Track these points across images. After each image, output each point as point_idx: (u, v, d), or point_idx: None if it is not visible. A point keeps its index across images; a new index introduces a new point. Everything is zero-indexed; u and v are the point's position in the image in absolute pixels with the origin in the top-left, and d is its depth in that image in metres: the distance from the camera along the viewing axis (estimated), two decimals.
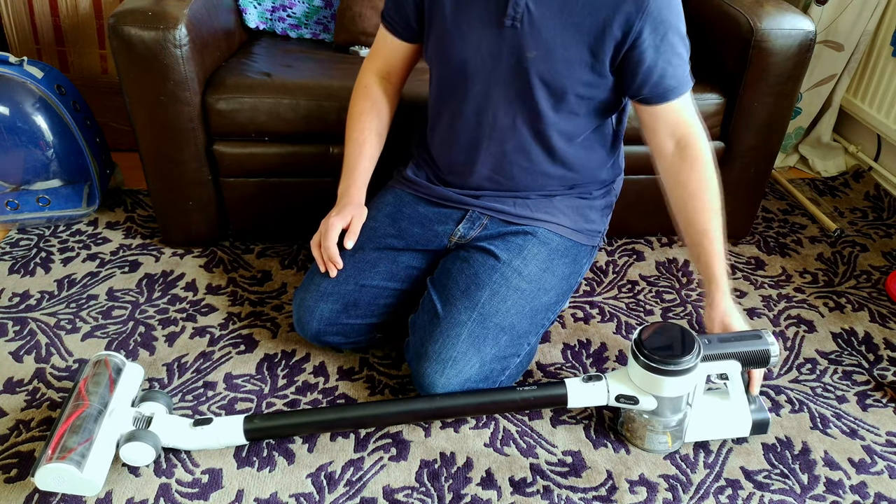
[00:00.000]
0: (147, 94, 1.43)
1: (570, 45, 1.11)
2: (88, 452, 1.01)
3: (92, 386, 1.11)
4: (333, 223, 1.25)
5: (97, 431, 1.05)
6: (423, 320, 1.22)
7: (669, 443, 1.16)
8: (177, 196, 1.57)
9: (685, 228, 1.22)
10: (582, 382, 1.15)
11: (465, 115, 1.22)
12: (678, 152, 1.19)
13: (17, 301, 1.48)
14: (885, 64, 1.96)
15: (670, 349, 1.08)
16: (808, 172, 2.18)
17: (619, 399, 1.13)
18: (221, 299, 1.50)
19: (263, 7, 1.82)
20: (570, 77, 1.14)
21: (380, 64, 1.33)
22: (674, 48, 1.12)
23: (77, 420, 1.04)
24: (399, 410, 1.15)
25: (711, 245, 1.18)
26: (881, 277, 1.68)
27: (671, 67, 1.13)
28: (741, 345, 1.12)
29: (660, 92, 1.15)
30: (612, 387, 1.13)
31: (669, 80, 1.13)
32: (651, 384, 1.10)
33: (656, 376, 1.08)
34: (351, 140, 1.31)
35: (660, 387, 1.09)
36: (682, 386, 1.09)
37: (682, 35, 1.13)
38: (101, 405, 1.08)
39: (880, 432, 1.26)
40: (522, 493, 1.11)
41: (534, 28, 1.11)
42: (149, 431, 1.09)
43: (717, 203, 1.19)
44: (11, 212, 1.68)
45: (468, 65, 1.17)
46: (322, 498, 1.09)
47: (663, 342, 1.09)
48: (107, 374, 1.13)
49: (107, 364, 1.15)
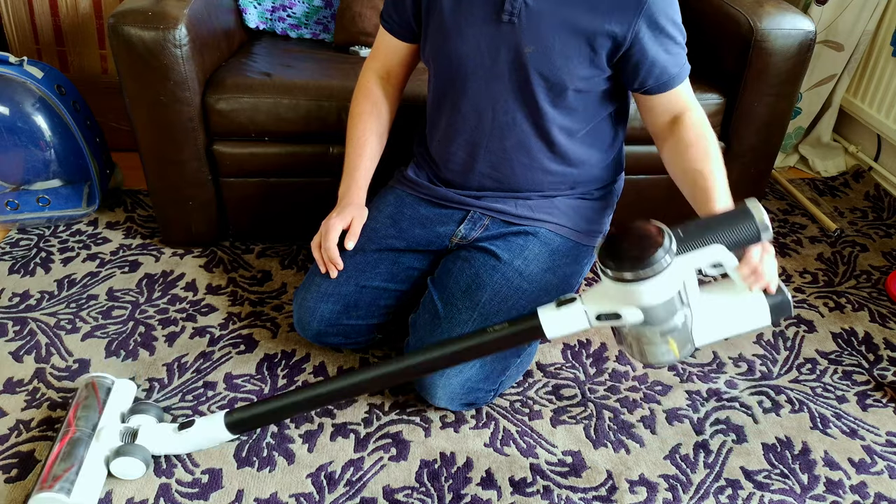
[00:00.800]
0: (147, 94, 1.43)
1: (568, 40, 1.12)
2: (76, 478, 1.03)
3: (81, 411, 1.12)
4: (333, 224, 1.25)
5: (86, 455, 1.06)
6: (424, 320, 1.22)
7: (675, 351, 0.99)
8: (177, 196, 1.57)
9: (683, 179, 1.16)
10: (555, 308, 1.01)
11: (464, 113, 1.22)
12: (675, 121, 1.18)
13: (17, 301, 1.48)
14: (885, 64, 1.96)
15: (636, 254, 0.91)
16: (808, 172, 2.18)
17: (600, 318, 0.98)
18: (221, 299, 1.50)
19: (263, 7, 1.82)
20: (569, 71, 1.14)
21: (380, 65, 1.33)
22: (672, 38, 1.13)
23: (66, 447, 1.06)
24: (373, 376, 1.08)
25: (706, 182, 1.10)
26: (881, 277, 1.68)
27: (671, 57, 1.14)
28: (722, 224, 0.95)
29: (661, 83, 1.16)
30: (590, 307, 0.99)
31: (670, 69, 1.14)
32: (627, 296, 0.94)
33: (629, 286, 0.91)
34: (351, 141, 1.31)
35: (637, 297, 0.93)
36: (662, 290, 0.92)
37: (678, 24, 1.14)
38: (89, 428, 1.10)
39: (880, 432, 1.26)
40: (522, 493, 1.11)
41: (531, 23, 1.11)
42: (135, 444, 1.09)
43: (714, 151, 1.14)
44: (11, 212, 1.68)
45: (466, 61, 1.17)
46: (322, 498, 1.09)
47: (628, 247, 0.92)
48: (94, 396, 1.15)
49: (94, 386, 1.17)
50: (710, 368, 1.38)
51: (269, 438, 1.18)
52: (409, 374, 1.09)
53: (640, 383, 1.34)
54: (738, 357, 1.41)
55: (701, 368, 1.38)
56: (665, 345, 0.99)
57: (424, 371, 1.12)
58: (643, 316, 0.95)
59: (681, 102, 1.18)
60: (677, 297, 0.95)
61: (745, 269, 0.96)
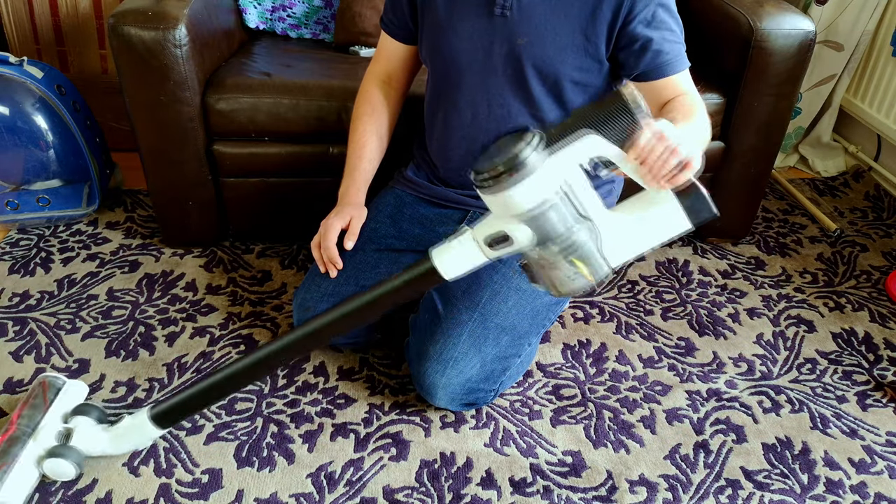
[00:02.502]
0: (147, 94, 1.43)
1: (562, 30, 1.12)
2: (6, 476, 1.03)
3: (27, 409, 1.12)
4: (332, 224, 1.25)
5: (20, 454, 1.06)
6: (424, 320, 1.22)
7: (586, 274, 0.89)
8: (177, 196, 1.57)
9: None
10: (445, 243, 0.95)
11: (461, 108, 1.22)
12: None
13: (17, 301, 1.48)
14: (885, 64, 1.96)
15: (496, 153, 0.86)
16: (808, 172, 2.18)
17: (492, 246, 0.91)
18: (221, 299, 1.50)
19: (263, 7, 1.82)
20: (563, 62, 1.14)
21: (381, 68, 1.33)
22: (666, 24, 1.12)
23: (3, 445, 1.07)
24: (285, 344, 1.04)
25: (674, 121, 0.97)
26: (881, 277, 1.68)
27: (666, 43, 1.12)
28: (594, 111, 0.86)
29: (656, 65, 1.13)
30: (478, 233, 0.92)
31: (665, 54, 1.13)
32: (504, 207, 0.87)
33: (503, 195, 0.85)
34: (352, 142, 1.31)
35: (512, 205, 0.85)
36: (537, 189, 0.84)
37: (672, 12, 1.13)
38: (30, 427, 1.10)
39: (880, 432, 1.26)
40: (522, 493, 1.11)
41: (523, 15, 1.12)
42: (68, 446, 1.09)
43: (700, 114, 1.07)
44: (11, 212, 1.68)
45: (461, 56, 1.17)
46: (322, 498, 1.09)
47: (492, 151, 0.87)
48: (42, 396, 1.15)
49: (44, 386, 1.17)
50: (710, 368, 1.38)
51: (269, 438, 1.18)
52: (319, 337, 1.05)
53: (640, 383, 1.34)
54: (738, 357, 1.41)
55: (701, 368, 1.38)
56: (572, 267, 0.89)
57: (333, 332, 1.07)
58: (532, 233, 0.88)
59: (679, 91, 1.15)
60: (569, 209, 0.87)
61: (632, 153, 0.84)
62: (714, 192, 1.67)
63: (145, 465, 1.13)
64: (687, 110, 1.09)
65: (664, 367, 1.38)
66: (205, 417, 1.21)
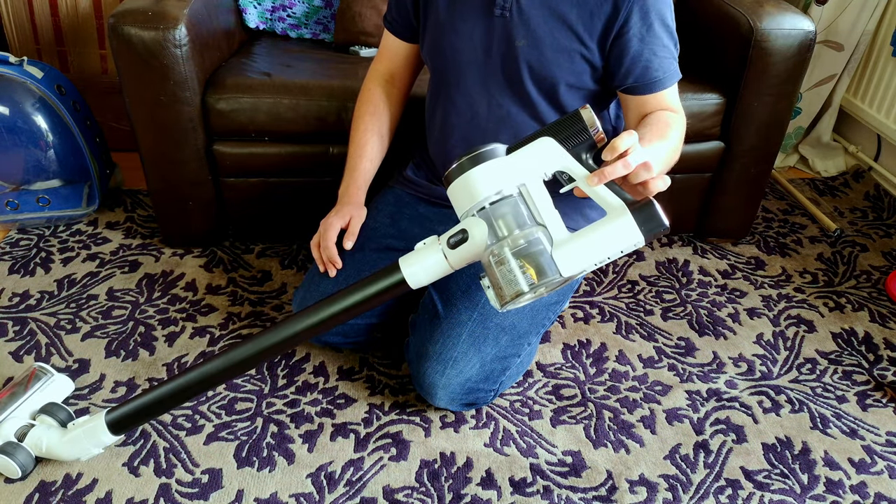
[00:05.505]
0: (147, 94, 1.43)
1: (559, 34, 1.12)
2: None
3: (6, 396, 1.12)
4: (332, 223, 1.25)
5: None
6: (424, 320, 1.22)
7: (533, 275, 0.88)
8: (177, 196, 1.57)
9: None
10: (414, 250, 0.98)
11: (459, 108, 1.22)
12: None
13: (17, 301, 1.48)
14: (885, 64, 1.96)
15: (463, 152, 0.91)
16: (808, 172, 2.18)
17: (451, 245, 0.93)
18: (221, 299, 1.50)
19: (263, 7, 1.82)
20: (559, 66, 1.14)
21: (384, 67, 1.33)
22: (660, 39, 1.12)
23: None
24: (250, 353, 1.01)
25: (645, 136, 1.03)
26: (881, 277, 1.68)
27: (657, 59, 1.12)
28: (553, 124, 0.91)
29: (645, 82, 1.13)
30: (443, 238, 0.95)
31: (655, 71, 1.13)
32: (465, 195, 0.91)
33: (460, 180, 0.90)
34: (352, 142, 1.31)
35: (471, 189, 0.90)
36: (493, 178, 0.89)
37: (669, 28, 1.13)
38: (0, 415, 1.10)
39: (880, 432, 1.26)
40: (522, 493, 1.11)
41: (522, 17, 1.12)
42: (19, 444, 1.08)
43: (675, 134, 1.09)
44: (11, 212, 1.68)
45: (460, 55, 1.18)
46: (322, 498, 1.09)
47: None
48: (24, 386, 1.14)
49: (30, 377, 1.16)
50: (710, 368, 1.38)
51: (269, 438, 1.18)
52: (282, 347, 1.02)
53: (640, 383, 1.34)
54: (738, 357, 1.41)
55: (701, 368, 1.38)
56: (521, 271, 0.88)
57: (298, 341, 1.03)
58: (486, 228, 0.90)
59: (662, 105, 1.15)
60: (525, 211, 0.90)
61: (608, 154, 0.87)
62: (714, 192, 1.68)
63: (145, 464, 1.13)
64: (663, 127, 1.09)
65: (664, 367, 1.38)
66: (205, 417, 1.21)
